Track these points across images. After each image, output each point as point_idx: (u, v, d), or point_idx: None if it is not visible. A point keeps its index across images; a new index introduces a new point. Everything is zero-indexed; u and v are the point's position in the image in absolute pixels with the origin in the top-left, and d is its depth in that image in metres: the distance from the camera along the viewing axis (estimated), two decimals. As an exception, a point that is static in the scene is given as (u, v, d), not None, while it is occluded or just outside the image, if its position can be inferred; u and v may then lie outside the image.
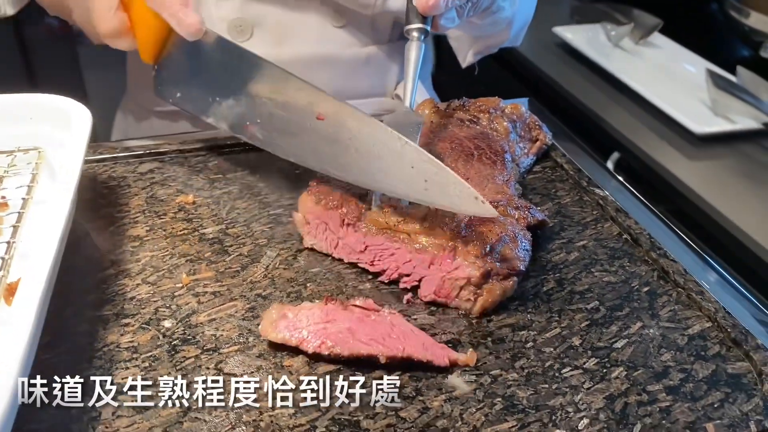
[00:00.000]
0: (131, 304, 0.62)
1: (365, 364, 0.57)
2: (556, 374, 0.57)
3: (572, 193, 0.81)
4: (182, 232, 0.72)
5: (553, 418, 0.53)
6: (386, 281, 0.67)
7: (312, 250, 0.70)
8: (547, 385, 0.56)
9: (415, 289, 0.66)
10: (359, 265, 0.68)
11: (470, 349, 0.59)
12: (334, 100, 0.70)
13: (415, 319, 0.63)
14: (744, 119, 1.36)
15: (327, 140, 0.70)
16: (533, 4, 1.03)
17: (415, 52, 0.71)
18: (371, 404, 0.54)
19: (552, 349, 0.60)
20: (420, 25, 0.71)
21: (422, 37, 0.72)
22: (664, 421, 0.53)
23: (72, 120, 0.71)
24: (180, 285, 0.65)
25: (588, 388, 0.56)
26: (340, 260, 0.69)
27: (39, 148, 0.71)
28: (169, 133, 0.94)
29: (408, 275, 0.65)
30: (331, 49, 1.00)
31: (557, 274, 0.68)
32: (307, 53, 0.99)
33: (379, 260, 0.67)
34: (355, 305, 0.61)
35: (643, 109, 1.46)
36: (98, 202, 0.76)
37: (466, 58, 1.06)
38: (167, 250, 0.69)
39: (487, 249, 0.63)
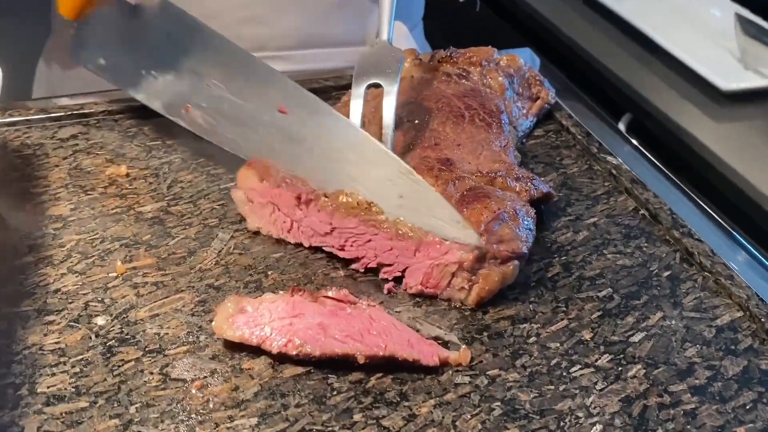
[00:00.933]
0: (56, 297, 0.62)
1: (340, 365, 0.58)
2: (564, 373, 0.59)
3: (580, 162, 0.83)
4: (115, 211, 0.72)
5: (561, 424, 0.55)
6: (362, 269, 0.68)
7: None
8: (553, 387, 0.58)
9: (398, 278, 0.67)
10: (325, 249, 0.69)
11: (463, 346, 0.60)
12: (301, 91, 0.72)
13: (398, 312, 0.64)
14: None
15: (288, 138, 0.71)
16: None
17: None
18: (348, 412, 0.55)
19: (558, 345, 0.61)
20: None
21: None
22: (689, 426, 0.56)
23: None
24: (114, 274, 0.65)
25: (601, 390, 0.58)
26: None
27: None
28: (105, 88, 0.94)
29: (389, 265, 0.66)
30: None
31: (564, 257, 0.70)
32: None
33: (351, 246, 0.68)
34: (327, 296, 0.61)
35: (660, 61, 1.49)
36: (10, 175, 0.75)
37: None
38: (97, 233, 0.69)
39: (482, 228, 0.64)
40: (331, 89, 0.93)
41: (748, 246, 0.75)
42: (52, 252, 0.67)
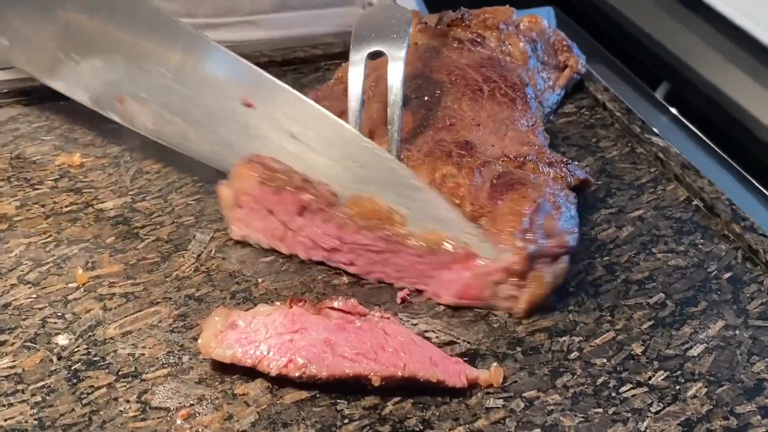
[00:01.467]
0: (6, 313, 0.64)
1: (351, 388, 0.60)
2: (613, 394, 0.61)
3: (620, 144, 0.87)
4: (69, 209, 0.74)
5: None
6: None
7: None
8: (601, 410, 0.60)
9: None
10: (329, 264, 0.72)
11: (494, 364, 0.63)
12: (270, 80, 0.73)
13: (415, 325, 0.66)
14: None
15: (255, 137, 0.73)
16: None
17: None
18: None
19: (605, 361, 0.64)
20: None
21: None
22: None
23: None
24: (74, 285, 0.67)
25: (656, 413, 0.60)
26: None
27: None
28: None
29: (417, 282, 0.69)
30: None
31: (606, 258, 0.73)
32: None
33: (366, 263, 0.70)
34: (332, 308, 0.64)
35: (703, 18, 1.53)
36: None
37: None
38: (50, 235, 0.71)
39: (527, 223, 0.67)
40: (320, 59, 0.96)
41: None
42: (-2, 260, 0.70)
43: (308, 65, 0.92)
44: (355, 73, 0.73)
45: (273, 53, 0.97)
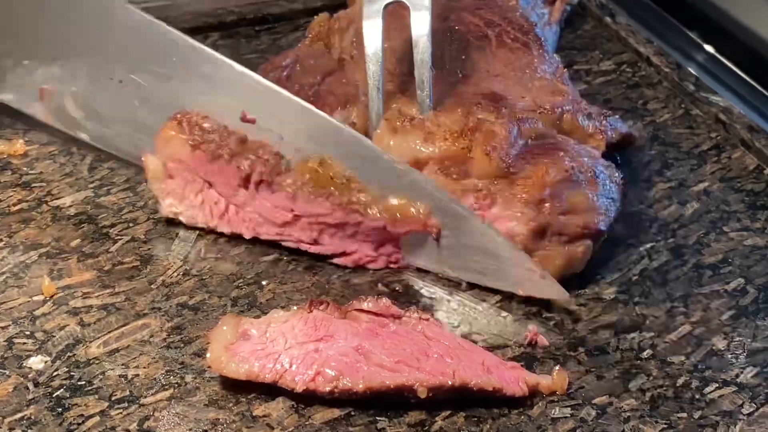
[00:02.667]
0: (-36, 334, 0.68)
1: (390, 403, 0.65)
2: (697, 396, 0.66)
3: (672, 105, 0.92)
4: (19, 207, 0.77)
5: None
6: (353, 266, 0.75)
7: None
8: (685, 414, 0.65)
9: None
10: (283, 244, 0.76)
11: (557, 366, 0.67)
12: (270, 87, 0.76)
13: (456, 327, 0.71)
14: None
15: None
16: None
17: None
18: None
19: (683, 359, 0.69)
20: None
21: None
22: None
23: None
24: (40, 297, 0.70)
25: (749, 414, 0.65)
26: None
27: None
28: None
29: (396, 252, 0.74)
30: None
31: (671, 239, 0.78)
32: None
33: (330, 238, 0.75)
34: (361, 310, 0.67)
35: None
36: None
37: None
38: (1, 240, 0.74)
39: (546, 192, 0.71)
40: (300, 15, 1.00)
41: None
42: (-61, 271, 0.72)
43: (286, 23, 0.96)
44: (372, 29, 0.76)
45: (243, 9, 1.01)
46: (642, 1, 1.04)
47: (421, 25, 0.75)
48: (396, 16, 0.80)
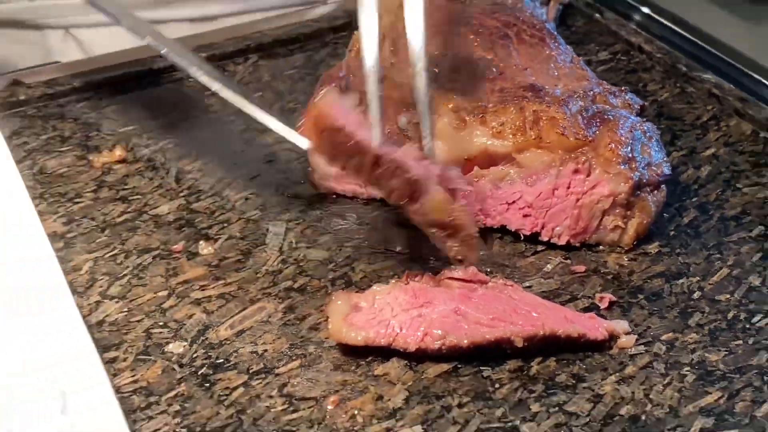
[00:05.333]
0: (103, 331, 0.71)
1: (489, 355, 0.70)
2: (747, 326, 0.73)
3: (669, 85, 0.99)
4: (123, 218, 0.81)
5: (766, 379, 0.69)
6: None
7: (335, 215, 0.83)
8: (741, 342, 0.71)
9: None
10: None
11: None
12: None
13: (530, 287, 0.76)
14: None
15: None
16: None
17: None
18: (522, 403, 0.67)
19: (728, 296, 0.75)
20: None
21: None
22: None
23: None
24: (165, 292, 0.75)
25: (792, 336, 0.72)
26: (377, 226, 0.82)
27: None
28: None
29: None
30: None
31: (695, 198, 0.85)
32: None
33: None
34: (452, 278, 0.73)
35: None
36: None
37: None
38: (114, 247, 0.78)
39: (629, 152, 0.77)
40: (326, 32, 1.05)
41: None
42: (70, 278, 0.75)
43: (315, 41, 1.01)
44: (368, 24, 0.77)
45: (277, 31, 1.05)
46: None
47: (415, 19, 0.76)
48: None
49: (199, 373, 0.69)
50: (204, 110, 0.93)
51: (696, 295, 0.76)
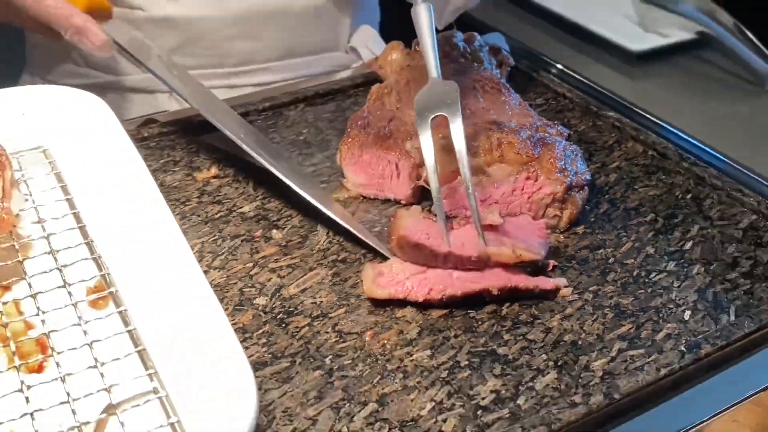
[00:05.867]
0: (216, 289, 0.71)
1: (471, 303, 0.71)
2: (646, 280, 0.75)
3: (585, 120, 1.00)
4: (219, 215, 0.83)
5: (661, 315, 0.71)
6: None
7: (362, 210, 0.85)
8: (643, 290, 0.73)
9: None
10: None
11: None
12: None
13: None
14: (676, 32, 1.51)
15: None
16: None
17: (425, 14, 0.79)
18: (497, 334, 0.69)
19: (633, 260, 0.77)
20: None
21: None
22: (751, 301, 0.73)
23: (80, 110, 0.79)
24: (250, 264, 0.76)
25: (678, 287, 0.74)
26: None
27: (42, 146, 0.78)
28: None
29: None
30: (279, 2, 1.13)
31: (606, 196, 0.87)
32: (255, 7, 1.12)
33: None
34: None
35: (574, 36, 1.62)
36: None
37: (444, 17, 1.13)
38: (215, 235, 0.80)
39: (563, 164, 0.79)
40: (349, 88, 1.07)
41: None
42: (186, 254, 0.77)
43: (342, 95, 1.03)
44: (426, 137, 0.75)
45: (315, 88, 1.06)
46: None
47: (457, 132, 0.74)
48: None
49: (277, 317, 0.70)
50: (270, 141, 0.94)
51: (611, 260, 0.77)
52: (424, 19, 0.80)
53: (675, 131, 0.99)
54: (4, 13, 0.91)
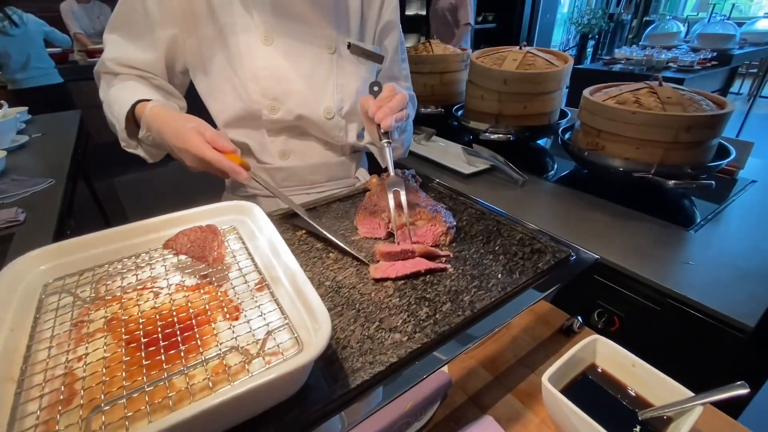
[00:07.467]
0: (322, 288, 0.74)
1: (414, 277, 0.76)
2: (481, 263, 0.79)
3: (449, 201, 1.01)
4: (307, 249, 0.84)
5: (489, 276, 0.76)
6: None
7: (364, 241, 0.86)
8: (480, 267, 0.78)
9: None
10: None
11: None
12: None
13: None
14: (481, 165, 1.66)
15: None
16: (412, 130, 1.22)
17: (388, 151, 0.81)
18: (425, 289, 0.73)
19: (476, 256, 0.80)
20: (388, 139, 0.82)
21: (389, 144, 0.88)
22: (523, 269, 0.78)
23: (248, 208, 0.82)
24: (322, 268, 0.79)
25: (494, 264, 0.79)
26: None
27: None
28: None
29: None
30: (325, 159, 1.19)
31: (462, 231, 0.89)
32: (315, 162, 1.17)
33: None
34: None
35: (438, 170, 1.72)
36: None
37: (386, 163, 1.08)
38: (306, 257, 0.82)
39: (445, 219, 0.84)
40: (356, 194, 1.08)
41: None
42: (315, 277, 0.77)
43: (348, 200, 1.03)
44: (390, 201, 0.79)
45: (334, 196, 1.05)
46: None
47: (404, 201, 0.81)
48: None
49: (333, 288, 0.74)
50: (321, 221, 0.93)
51: (467, 256, 0.81)
52: (387, 153, 0.81)
53: (489, 205, 1.02)
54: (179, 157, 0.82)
